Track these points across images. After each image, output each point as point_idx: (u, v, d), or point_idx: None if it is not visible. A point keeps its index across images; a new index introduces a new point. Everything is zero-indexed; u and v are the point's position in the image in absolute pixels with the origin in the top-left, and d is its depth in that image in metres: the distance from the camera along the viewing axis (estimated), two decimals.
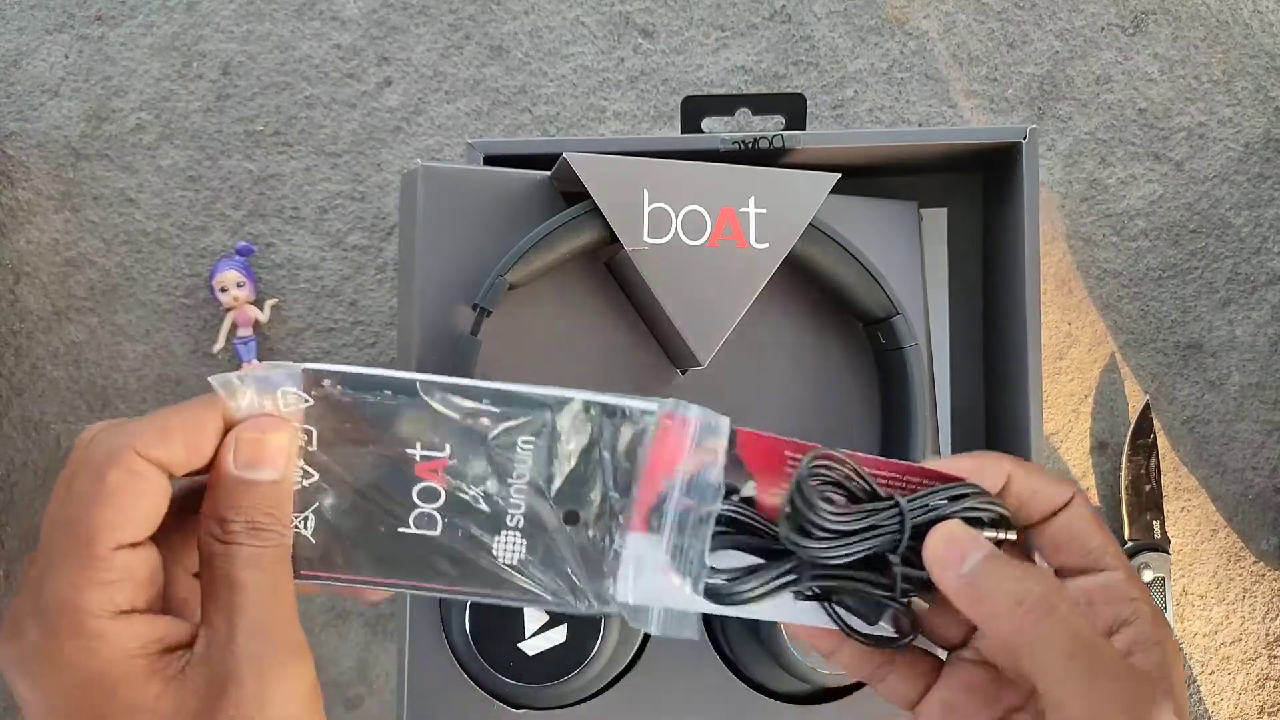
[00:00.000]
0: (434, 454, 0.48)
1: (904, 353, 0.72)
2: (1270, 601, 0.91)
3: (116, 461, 0.44)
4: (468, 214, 0.69)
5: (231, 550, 0.45)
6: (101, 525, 0.43)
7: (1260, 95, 0.92)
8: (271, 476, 0.46)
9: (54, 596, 0.42)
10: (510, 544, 0.49)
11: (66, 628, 0.42)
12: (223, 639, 0.44)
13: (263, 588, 0.45)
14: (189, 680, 0.44)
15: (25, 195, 0.93)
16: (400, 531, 0.49)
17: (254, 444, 0.46)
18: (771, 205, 0.69)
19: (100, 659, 0.43)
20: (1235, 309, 0.91)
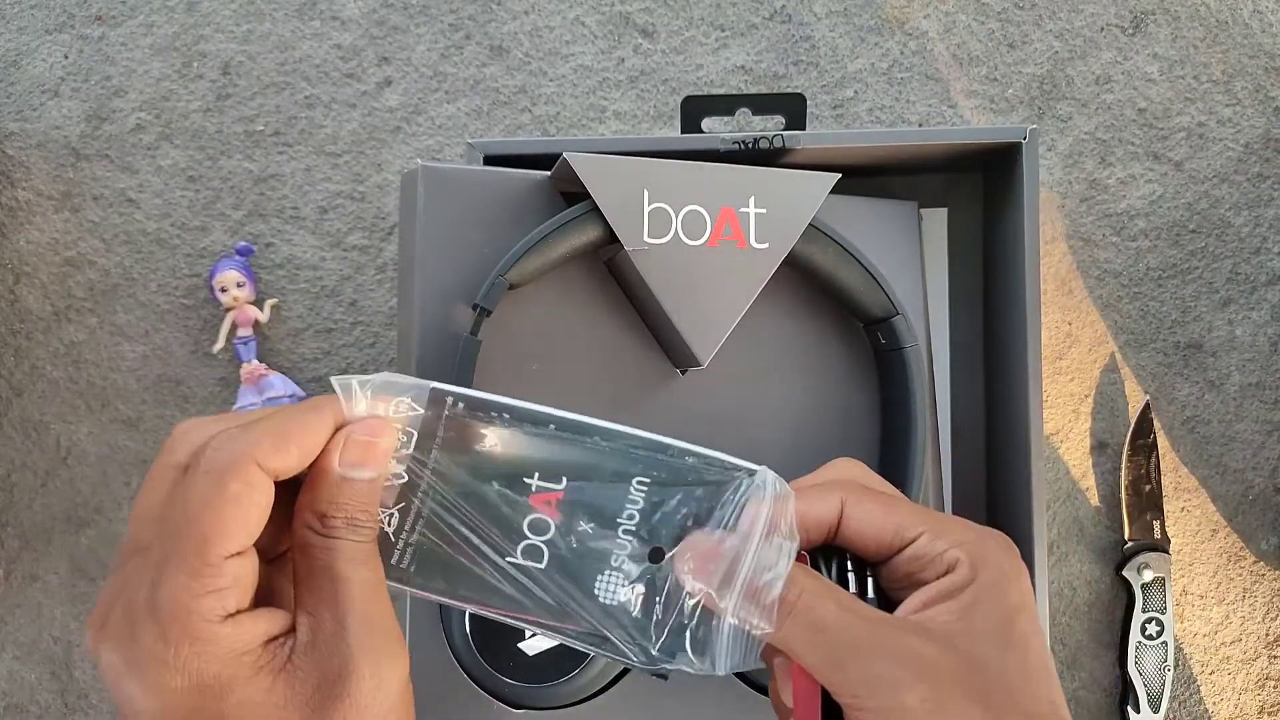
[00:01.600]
0: (551, 486, 0.49)
1: (904, 353, 0.72)
2: (1270, 601, 0.91)
3: (237, 472, 0.44)
4: (468, 214, 0.69)
5: (334, 545, 0.46)
6: (218, 534, 0.44)
7: (1260, 95, 0.92)
8: (371, 475, 0.48)
9: (169, 601, 0.43)
10: (613, 583, 0.50)
11: (182, 633, 0.43)
12: (330, 630, 0.45)
13: (367, 582, 0.47)
14: (298, 670, 0.45)
15: (25, 195, 0.93)
16: (508, 560, 0.50)
17: (365, 447, 0.48)
18: (771, 205, 0.69)
19: (214, 661, 0.44)
20: (1235, 309, 0.91)
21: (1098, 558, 0.92)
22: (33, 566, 0.93)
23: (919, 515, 0.50)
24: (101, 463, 0.92)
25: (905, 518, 0.49)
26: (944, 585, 0.47)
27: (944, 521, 0.50)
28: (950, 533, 0.49)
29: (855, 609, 0.47)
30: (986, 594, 0.47)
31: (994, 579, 0.47)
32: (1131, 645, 0.89)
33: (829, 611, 0.47)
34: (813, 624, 0.47)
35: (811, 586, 0.48)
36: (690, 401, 0.73)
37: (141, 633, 0.43)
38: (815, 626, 0.47)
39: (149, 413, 0.92)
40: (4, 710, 0.93)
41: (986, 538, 0.49)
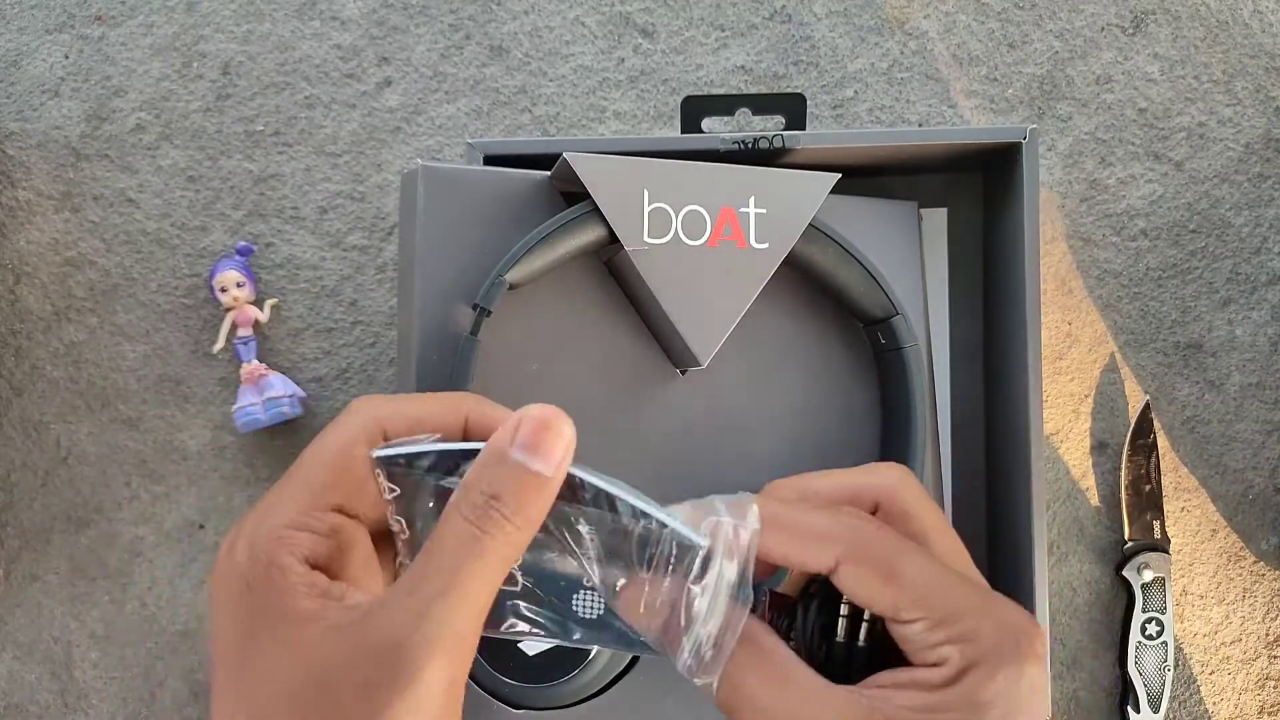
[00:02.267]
0: None
1: (904, 353, 0.72)
2: (1270, 601, 0.91)
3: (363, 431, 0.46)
4: (468, 214, 0.69)
5: (457, 524, 0.45)
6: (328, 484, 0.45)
7: (1260, 95, 0.92)
8: (538, 467, 0.45)
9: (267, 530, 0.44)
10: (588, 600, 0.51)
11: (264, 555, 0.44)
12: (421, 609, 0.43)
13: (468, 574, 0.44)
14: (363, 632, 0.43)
15: (25, 195, 0.93)
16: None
17: (541, 426, 0.46)
18: (771, 205, 0.69)
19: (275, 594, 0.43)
20: (1235, 309, 0.91)
21: (1098, 558, 0.92)
22: (33, 566, 0.93)
23: (924, 594, 0.47)
24: (101, 463, 0.92)
25: (905, 596, 0.47)
26: (922, 676, 0.46)
27: (954, 605, 0.47)
28: (954, 622, 0.46)
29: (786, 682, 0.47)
30: (960, 705, 0.45)
31: (976, 691, 0.45)
32: (1131, 645, 0.89)
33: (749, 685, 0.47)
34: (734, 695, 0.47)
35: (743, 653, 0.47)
36: (690, 401, 0.73)
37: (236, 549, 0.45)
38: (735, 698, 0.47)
39: (149, 413, 0.92)
40: (4, 710, 0.93)
41: (1002, 636, 0.46)
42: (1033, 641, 0.46)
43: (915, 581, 0.47)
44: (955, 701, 0.45)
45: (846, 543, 0.48)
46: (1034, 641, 0.47)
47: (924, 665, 0.46)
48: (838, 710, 0.45)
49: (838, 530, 0.48)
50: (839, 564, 0.47)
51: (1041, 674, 0.46)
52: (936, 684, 0.45)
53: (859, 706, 0.45)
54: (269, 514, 0.45)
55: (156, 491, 0.92)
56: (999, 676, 0.45)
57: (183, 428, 0.92)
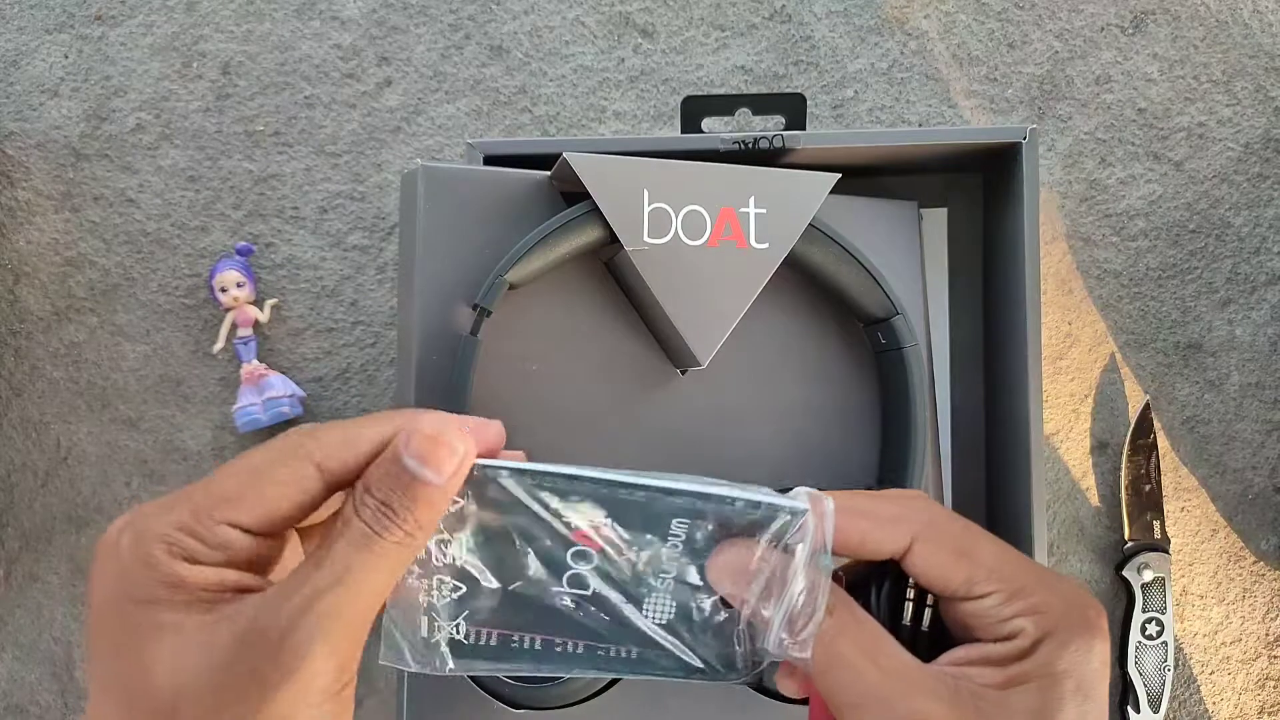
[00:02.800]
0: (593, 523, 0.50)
1: (904, 353, 0.72)
2: (1270, 601, 0.91)
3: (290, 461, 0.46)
4: (468, 214, 0.69)
5: (352, 524, 0.45)
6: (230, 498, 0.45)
7: (1260, 95, 0.92)
8: (429, 477, 0.46)
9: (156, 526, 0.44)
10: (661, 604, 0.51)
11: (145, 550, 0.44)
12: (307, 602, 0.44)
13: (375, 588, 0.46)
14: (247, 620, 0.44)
15: (25, 195, 0.93)
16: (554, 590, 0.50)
17: (430, 441, 0.46)
18: (771, 205, 0.69)
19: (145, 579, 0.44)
20: (1235, 309, 0.91)
21: (1098, 558, 0.92)
22: (33, 566, 0.93)
23: (996, 569, 0.48)
24: (101, 463, 0.92)
25: (979, 570, 0.48)
26: (996, 651, 0.46)
27: (1023, 580, 0.48)
28: (1026, 596, 0.47)
29: (878, 654, 0.47)
30: (1039, 671, 0.45)
31: (1054, 656, 0.46)
32: (1131, 645, 0.89)
33: (846, 652, 0.47)
34: (828, 662, 0.47)
35: (838, 619, 0.48)
36: (690, 401, 0.73)
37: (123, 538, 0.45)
38: (830, 662, 0.47)
39: (149, 413, 0.92)
40: (4, 710, 0.93)
41: (1069, 609, 0.47)
42: (1100, 615, 0.47)
43: (987, 558, 0.48)
44: (1032, 671, 0.45)
45: (921, 522, 0.49)
46: (1100, 616, 0.47)
47: (996, 640, 0.47)
48: (926, 684, 0.46)
49: (910, 512, 0.50)
50: (914, 542, 0.48)
51: (1106, 648, 0.47)
52: (1011, 656, 0.46)
53: (944, 682, 0.46)
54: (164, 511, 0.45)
55: (156, 491, 0.92)
56: (1071, 647, 0.46)
57: (183, 428, 0.92)
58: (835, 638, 0.47)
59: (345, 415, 0.92)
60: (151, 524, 0.44)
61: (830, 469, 0.73)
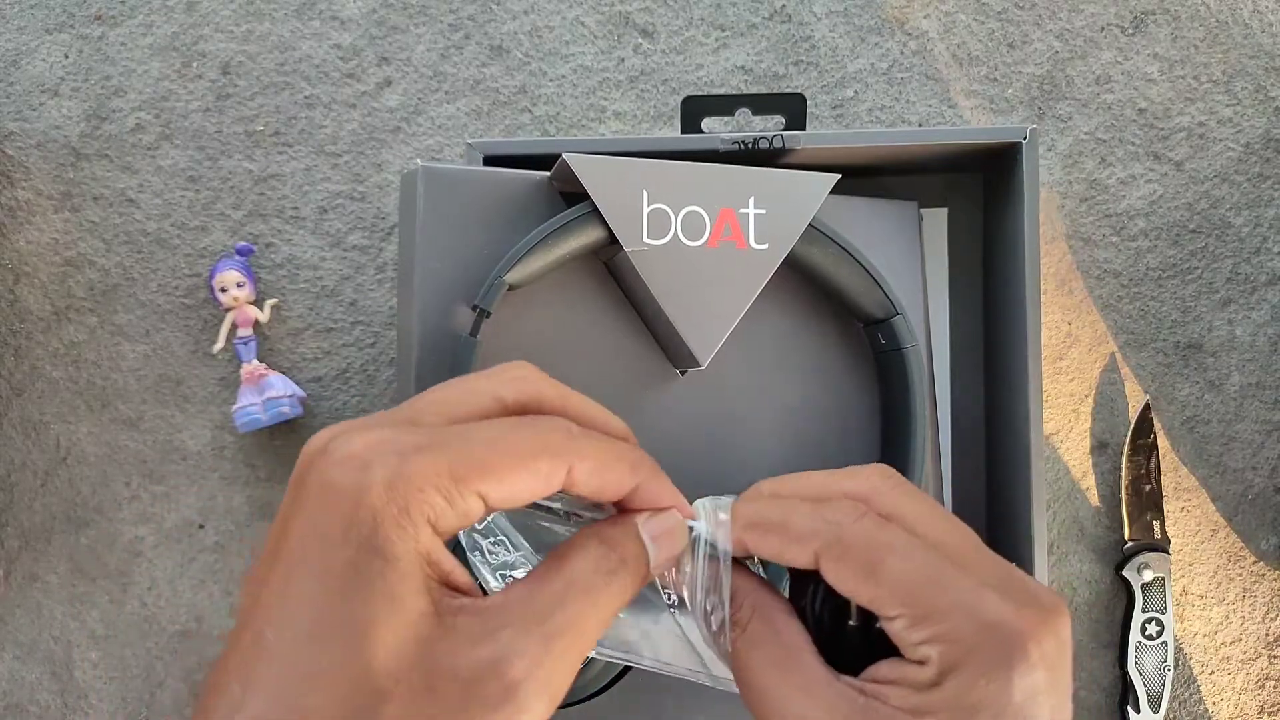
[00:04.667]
0: None
1: (904, 353, 0.72)
2: (1270, 601, 0.91)
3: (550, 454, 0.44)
4: (467, 214, 0.69)
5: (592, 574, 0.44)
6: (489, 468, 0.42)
7: (1260, 95, 0.92)
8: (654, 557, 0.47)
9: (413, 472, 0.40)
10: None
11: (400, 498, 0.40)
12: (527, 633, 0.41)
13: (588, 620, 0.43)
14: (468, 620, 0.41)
15: (25, 195, 0.93)
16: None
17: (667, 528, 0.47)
18: (771, 206, 0.69)
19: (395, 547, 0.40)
20: (1235, 309, 0.91)
21: (1098, 558, 0.92)
22: (33, 566, 0.93)
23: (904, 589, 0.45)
24: (101, 463, 0.92)
25: (885, 593, 0.45)
26: (911, 674, 0.44)
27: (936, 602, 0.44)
28: (934, 622, 0.44)
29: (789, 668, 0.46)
30: (946, 708, 0.43)
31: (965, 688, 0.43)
32: (1131, 645, 0.89)
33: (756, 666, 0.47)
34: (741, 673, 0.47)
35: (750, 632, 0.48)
36: (690, 402, 0.73)
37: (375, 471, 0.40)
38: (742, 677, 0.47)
39: (149, 413, 0.92)
40: (4, 710, 0.93)
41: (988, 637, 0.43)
42: (1024, 643, 0.43)
43: (896, 577, 0.45)
44: (940, 704, 0.43)
45: (823, 539, 0.47)
46: (1025, 643, 0.43)
47: (912, 661, 0.45)
48: (833, 704, 0.45)
49: (816, 526, 0.47)
50: (818, 559, 0.47)
51: (1034, 677, 0.43)
52: (923, 684, 0.44)
53: (855, 704, 0.44)
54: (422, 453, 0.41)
55: (156, 491, 0.92)
56: (982, 681, 0.43)
57: (183, 428, 0.92)
58: (749, 651, 0.47)
59: (345, 415, 0.92)
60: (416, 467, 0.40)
61: (823, 468, 0.73)
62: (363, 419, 0.44)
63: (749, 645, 0.47)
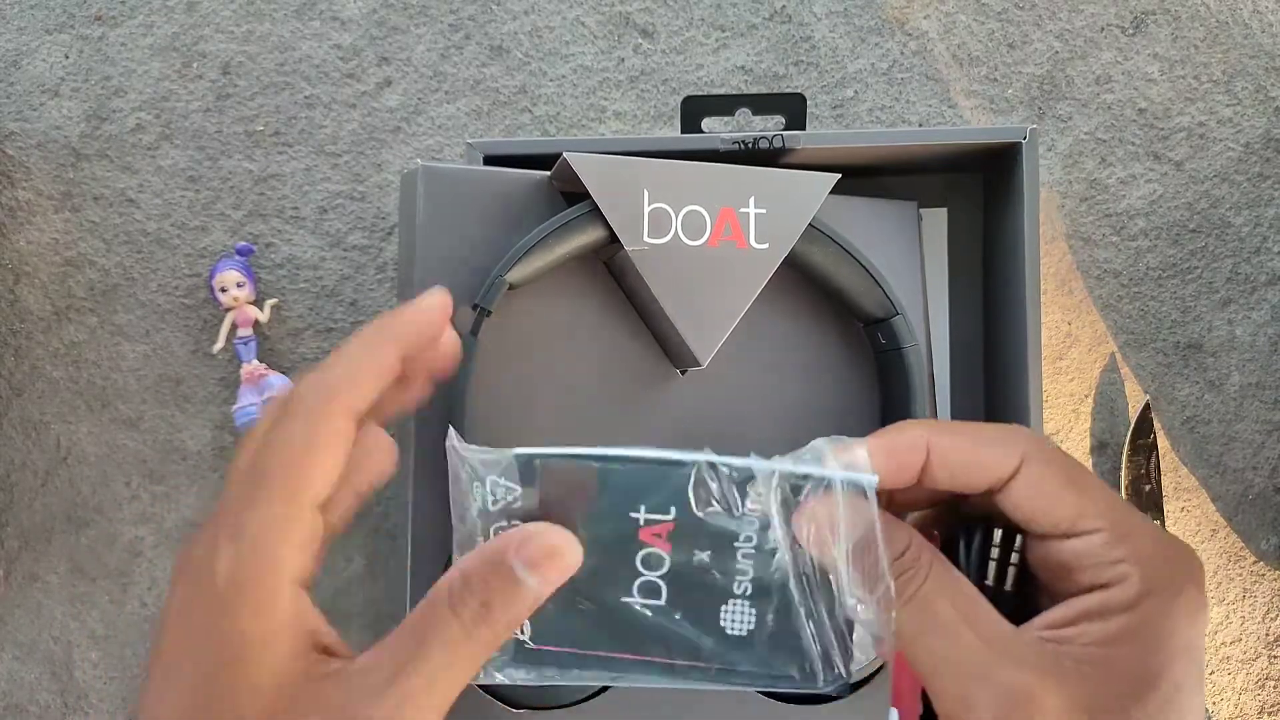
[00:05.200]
0: (659, 517, 0.47)
1: (904, 353, 0.72)
2: (1270, 601, 0.91)
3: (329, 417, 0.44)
4: (468, 214, 0.69)
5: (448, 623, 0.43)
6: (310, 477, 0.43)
7: (1260, 95, 0.92)
8: (534, 584, 0.44)
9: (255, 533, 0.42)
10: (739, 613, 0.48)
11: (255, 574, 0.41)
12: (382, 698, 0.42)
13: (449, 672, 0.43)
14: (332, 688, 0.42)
15: (25, 195, 0.93)
16: (624, 600, 0.48)
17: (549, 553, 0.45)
18: (771, 205, 0.69)
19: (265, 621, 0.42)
20: (1235, 309, 0.91)
21: None
22: (33, 566, 0.93)
23: (1106, 506, 0.44)
24: (101, 463, 0.92)
25: (1089, 504, 0.44)
26: (1101, 600, 0.43)
27: (1131, 523, 0.44)
28: (1134, 539, 0.44)
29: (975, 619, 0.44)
30: (1146, 627, 0.42)
31: (1162, 610, 0.42)
32: None
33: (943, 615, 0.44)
34: (922, 625, 0.44)
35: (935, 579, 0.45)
36: (690, 401, 0.73)
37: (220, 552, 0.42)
38: (924, 628, 0.44)
39: (149, 413, 0.92)
40: (3, 710, 0.93)
41: (1175, 558, 0.44)
42: (1200, 567, 0.44)
43: (1097, 492, 0.45)
44: (1137, 627, 0.42)
45: (1032, 444, 0.46)
46: (1200, 568, 0.44)
47: (1097, 587, 0.44)
48: (1027, 654, 0.43)
49: (1017, 435, 0.47)
50: (1023, 464, 0.45)
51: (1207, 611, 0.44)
52: (1116, 607, 0.43)
53: (1044, 651, 0.43)
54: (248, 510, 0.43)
55: (156, 491, 0.92)
56: (1179, 604, 0.42)
57: (183, 428, 0.92)
58: (933, 599, 0.44)
59: None
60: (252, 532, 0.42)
61: None
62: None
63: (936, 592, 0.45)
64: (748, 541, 0.48)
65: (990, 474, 0.46)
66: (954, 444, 0.46)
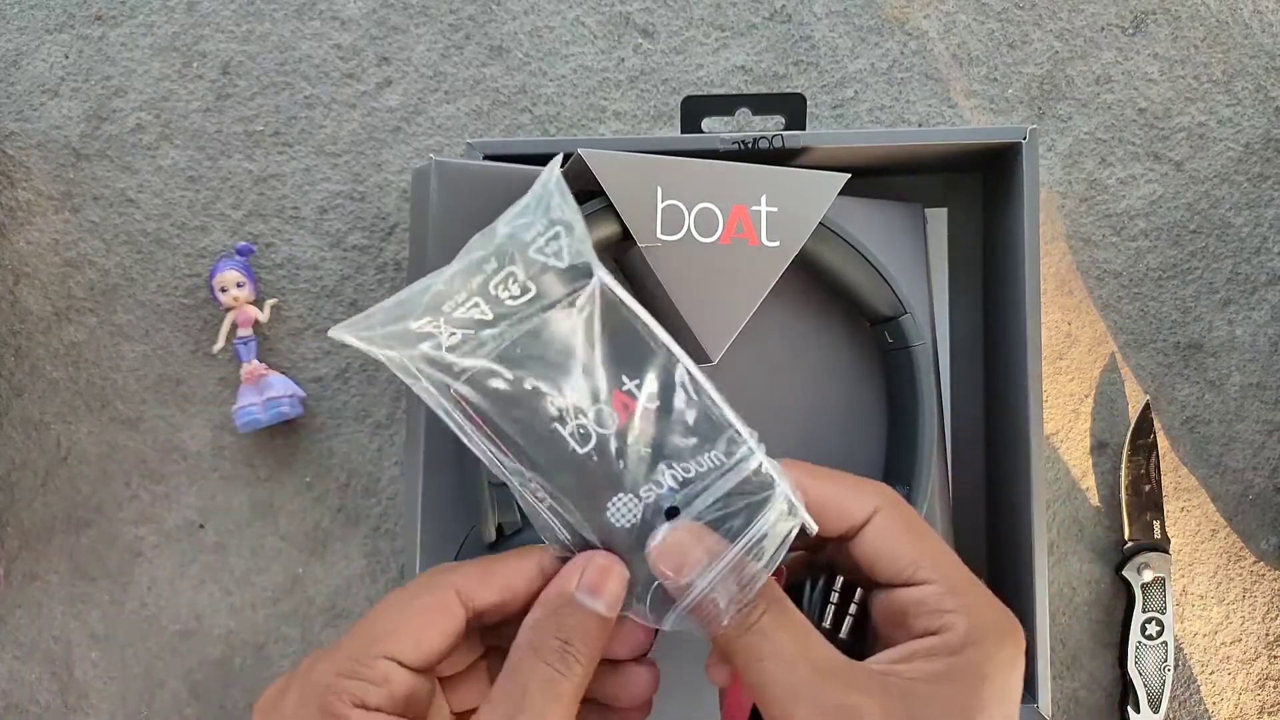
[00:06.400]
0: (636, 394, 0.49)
1: (911, 351, 0.72)
2: (1270, 601, 0.92)
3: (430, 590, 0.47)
4: (479, 209, 0.68)
5: (538, 668, 0.46)
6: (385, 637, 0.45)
7: (1260, 95, 0.92)
8: (601, 609, 0.47)
9: (317, 677, 0.45)
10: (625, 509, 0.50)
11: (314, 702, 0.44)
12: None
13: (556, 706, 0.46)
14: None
15: (25, 195, 0.93)
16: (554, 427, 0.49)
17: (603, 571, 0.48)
18: (782, 204, 0.69)
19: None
20: (1235, 309, 0.91)
21: (1098, 558, 0.92)
22: (33, 566, 0.93)
23: (944, 562, 0.49)
24: (101, 463, 0.92)
25: (928, 557, 0.48)
26: (930, 644, 0.47)
27: (964, 580, 0.48)
28: (964, 594, 0.48)
29: (809, 648, 0.47)
30: (969, 669, 0.46)
31: (985, 657, 0.46)
32: (1131, 645, 0.89)
33: (782, 645, 0.47)
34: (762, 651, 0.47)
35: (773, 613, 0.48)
36: None
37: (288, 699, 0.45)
38: (762, 654, 0.47)
39: (149, 413, 0.92)
40: (4, 710, 0.92)
41: (1000, 618, 0.48)
42: (1020, 631, 0.48)
43: (935, 547, 0.49)
44: (961, 668, 0.45)
45: (884, 497, 0.50)
46: (1020, 632, 0.48)
47: (927, 634, 0.47)
48: (856, 678, 0.46)
49: (876, 486, 0.51)
50: (876, 512, 0.49)
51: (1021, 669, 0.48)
52: (943, 650, 0.46)
53: (873, 677, 0.46)
54: (320, 660, 0.46)
55: (156, 491, 0.92)
56: (1000, 654, 0.46)
57: (183, 428, 0.92)
58: (771, 630, 0.47)
59: (345, 415, 0.92)
60: (314, 676, 0.45)
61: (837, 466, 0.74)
62: None
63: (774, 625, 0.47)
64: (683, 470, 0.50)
65: (849, 517, 0.50)
66: (822, 488, 0.50)
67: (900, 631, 0.48)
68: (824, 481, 0.50)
